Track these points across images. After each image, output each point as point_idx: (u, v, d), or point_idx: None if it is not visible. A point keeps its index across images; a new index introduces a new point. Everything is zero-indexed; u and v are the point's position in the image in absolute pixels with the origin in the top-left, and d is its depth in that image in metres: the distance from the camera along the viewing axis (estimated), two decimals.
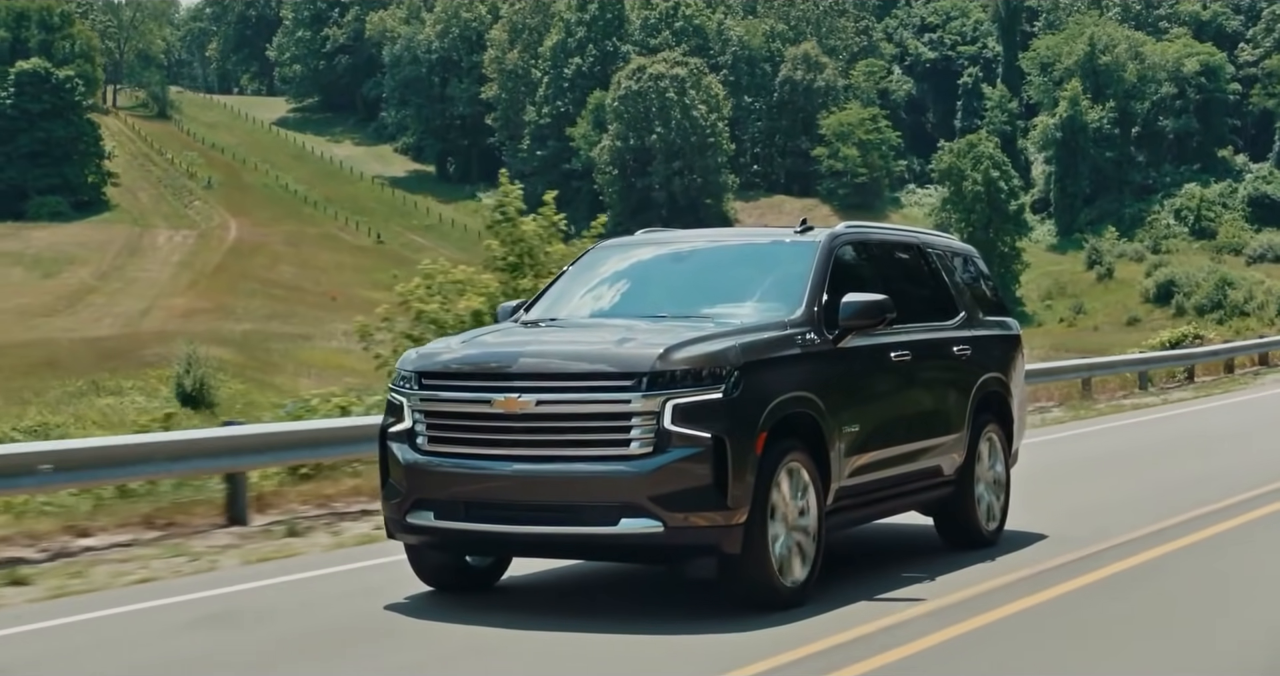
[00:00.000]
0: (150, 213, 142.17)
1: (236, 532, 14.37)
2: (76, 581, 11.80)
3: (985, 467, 12.83)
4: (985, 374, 12.88)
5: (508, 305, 12.03)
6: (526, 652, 9.08)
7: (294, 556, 13.07)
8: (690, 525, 9.55)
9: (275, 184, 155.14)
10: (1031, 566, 11.60)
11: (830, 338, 10.77)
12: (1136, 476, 18.49)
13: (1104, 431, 25.90)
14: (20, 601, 11.10)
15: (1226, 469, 18.71)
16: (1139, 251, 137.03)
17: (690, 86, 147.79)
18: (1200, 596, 10.73)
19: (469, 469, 9.95)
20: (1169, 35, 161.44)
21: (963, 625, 9.54)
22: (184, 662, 9.14)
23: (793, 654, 8.78)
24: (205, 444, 15.14)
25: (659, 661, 8.87)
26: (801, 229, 11.76)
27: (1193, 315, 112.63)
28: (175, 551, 13.24)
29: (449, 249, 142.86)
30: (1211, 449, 21.91)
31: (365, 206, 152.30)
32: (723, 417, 9.63)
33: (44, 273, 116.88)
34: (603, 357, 9.84)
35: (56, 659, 9.38)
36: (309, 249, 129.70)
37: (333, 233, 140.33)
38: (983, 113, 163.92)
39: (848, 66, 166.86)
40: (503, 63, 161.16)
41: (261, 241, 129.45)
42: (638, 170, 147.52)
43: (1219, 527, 13.66)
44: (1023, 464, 14.15)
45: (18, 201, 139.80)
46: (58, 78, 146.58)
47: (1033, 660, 8.95)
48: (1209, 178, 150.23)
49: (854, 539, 12.35)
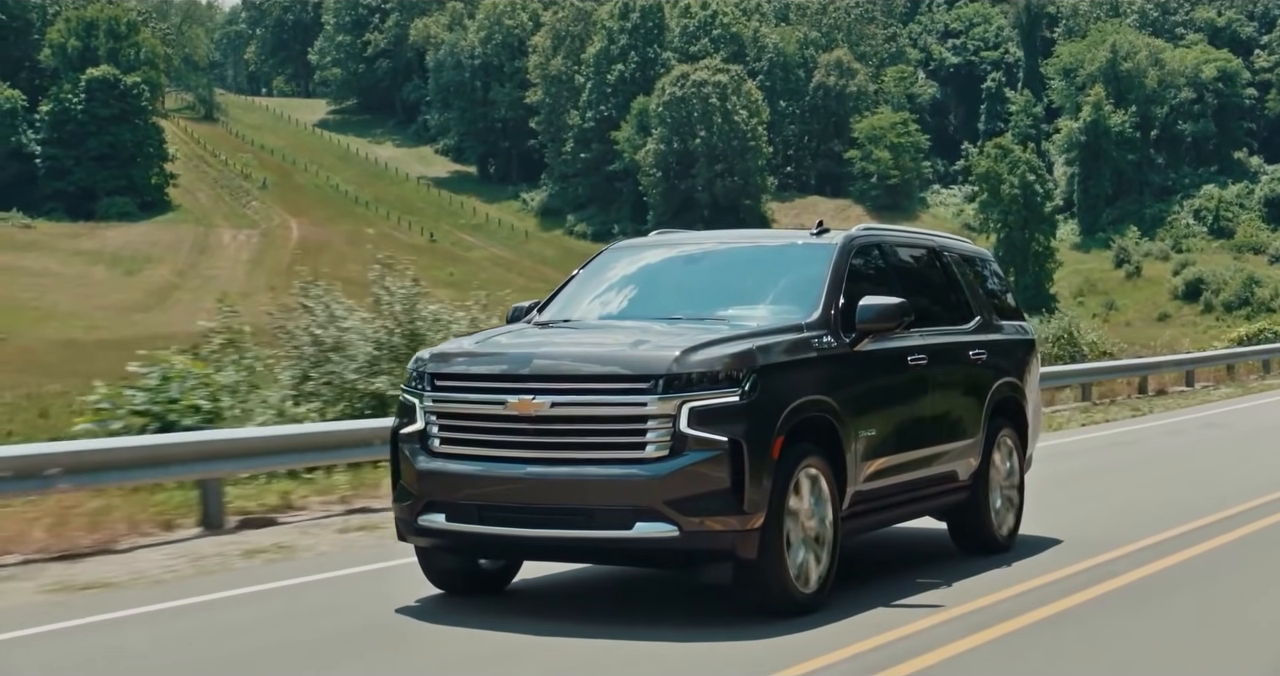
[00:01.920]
0: (211, 212, 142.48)
1: (218, 537, 13.79)
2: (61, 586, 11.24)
3: (1000, 473, 12.24)
4: (1001, 378, 12.29)
5: (521, 305, 11.41)
6: (538, 660, 8.54)
7: (292, 559, 12.47)
8: (706, 530, 9.02)
9: (326, 184, 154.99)
10: (1050, 573, 11.03)
11: (847, 341, 10.22)
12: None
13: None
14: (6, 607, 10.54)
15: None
16: (1164, 250, 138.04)
17: (731, 92, 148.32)
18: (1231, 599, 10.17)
19: (482, 471, 9.41)
20: (1185, 41, 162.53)
21: (984, 634, 8.98)
22: (187, 668, 8.63)
23: (814, 662, 8.24)
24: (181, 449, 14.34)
25: (674, 670, 8.34)
26: (818, 231, 11.20)
27: (1220, 311, 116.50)
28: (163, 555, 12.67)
29: (498, 247, 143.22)
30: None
31: (414, 206, 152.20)
32: (740, 421, 9.10)
33: (125, 271, 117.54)
34: (618, 360, 9.32)
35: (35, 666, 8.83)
36: (368, 248, 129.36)
37: (387, 232, 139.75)
38: (1006, 116, 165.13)
39: (877, 72, 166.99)
40: (546, 68, 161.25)
41: (324, 240, 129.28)
42: (680, 173, 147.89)
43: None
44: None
45: (88, 202, 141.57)
46: (125, 84, 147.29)
47: (1059, 670, 8.42)
48: (1226, 179, 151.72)
49: (866, 544, 11.77)
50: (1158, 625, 9.45)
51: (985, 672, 8.29)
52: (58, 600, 10.71)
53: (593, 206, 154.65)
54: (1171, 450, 21.86)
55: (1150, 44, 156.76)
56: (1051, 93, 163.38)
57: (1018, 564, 11.49)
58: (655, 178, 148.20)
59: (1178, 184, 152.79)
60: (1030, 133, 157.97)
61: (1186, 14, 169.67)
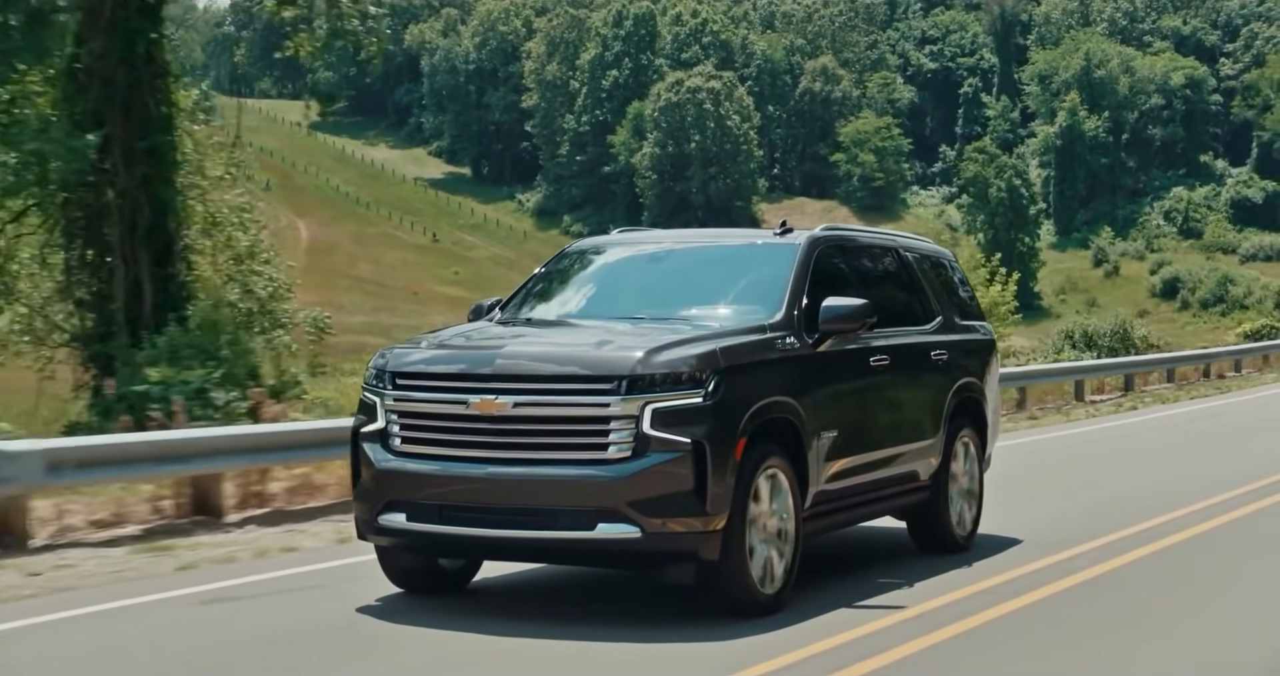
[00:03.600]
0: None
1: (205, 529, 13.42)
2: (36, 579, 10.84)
3: (960, 473, 11.83)
4: (961, 379, 11.88)
5: (482, 303, 10.95)
6: (497, 660, 8.16)
7: (262, 557, 11.91)
8: (668, 531, 8.64)
9: (326, 186, 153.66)
10: (1010, 571, 10.68)
11: (810, 342, 9.82)
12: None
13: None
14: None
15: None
16: (1139, 250, 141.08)
17: (724, 98, 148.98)
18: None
19: (443, 471, 8.99)
20: (1153, 48, 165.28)
21: (944, 631, 8.65)
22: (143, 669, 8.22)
23: (775, 662, 7.88)
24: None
25: (634, 672, 7.97)
26: (781, 231, 10.78)
27: (1197, 308, 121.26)
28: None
29: (498, 247, 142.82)
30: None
31: (413, 207, 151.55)
32: (703, 422, 8.72)
33: None
34: (582, 360, 8.93)
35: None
36: (375, 247, 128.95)
37: (390, 232, 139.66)
38: (983, 120, 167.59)
39: (860, 78, 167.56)
40: (541, 74, 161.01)
41: (333, 240, 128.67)
42: (675, 175, 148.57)
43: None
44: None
45: None
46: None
47: (1018, 666, 8.10)
48: (1194, 182, 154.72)
49: (827, 544, 11.35)
50: (1123, 617, 9.13)
51: (948, 669, 7.97)
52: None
53: (588, 207, 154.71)
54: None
55: (1121, 52, 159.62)
56: (1027, 98, 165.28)
57: (979, 563, 11.10)
58: (651, 180, 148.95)
59: (1148, 186, 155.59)
60: (1008, 137, 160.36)
61: (1154, 22, 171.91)
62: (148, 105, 22.27)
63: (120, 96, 21.93)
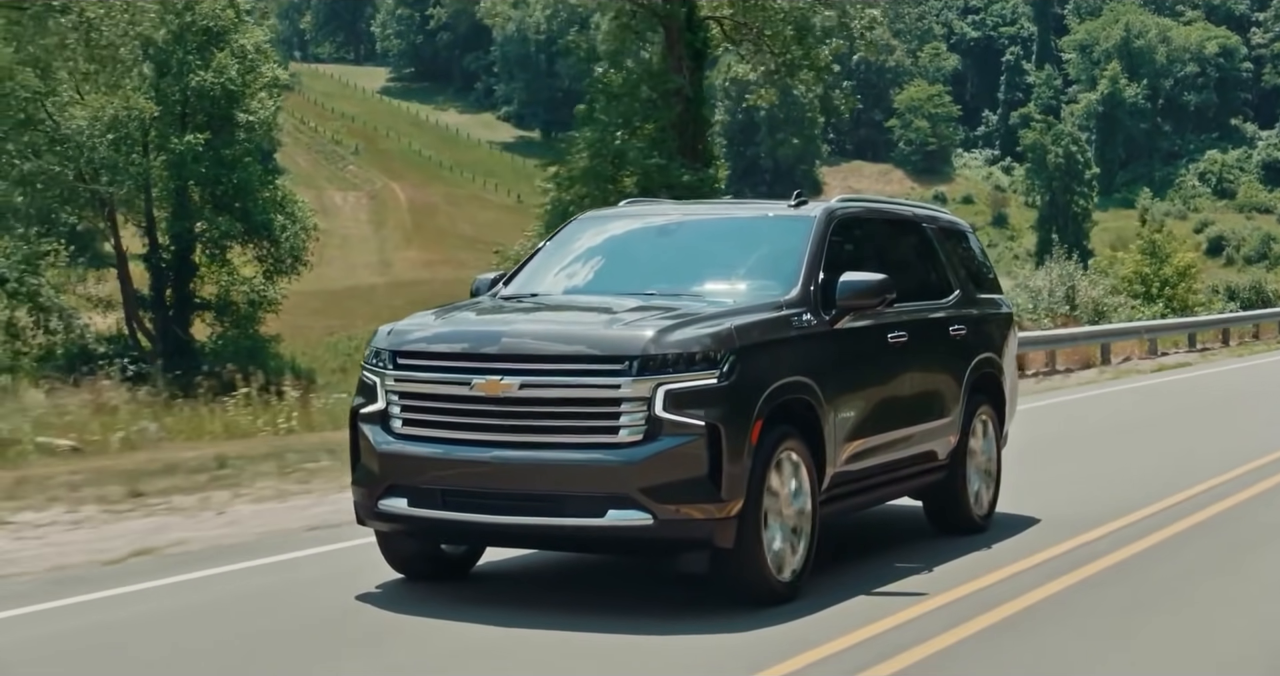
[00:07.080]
0: (313, 176, 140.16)
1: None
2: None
3: (978, 451, 10.65)
4: (980, 354, 10.68)
5: (485, 278, 9.84)
6: (500, 651, 7.19)
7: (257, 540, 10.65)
8: (682, 517, 7.63)
9: (409, 150, 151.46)
10: (1032, 555, 9.57)
11: (827, 319, 8.75)
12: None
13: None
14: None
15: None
16: (1181, 210, 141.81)
17: None
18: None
19: (446, 454, 7.98)
20: (1185, 18, 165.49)
21: (974, 623, 7.61)
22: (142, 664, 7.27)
23: (800, 660, 6.88)
24: None
25: (654, 667, 6.98)
26: (796, 202, 9.65)
27: (1242, 264, 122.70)
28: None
29: None
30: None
31: (493, 170, 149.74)
32: (717, 404, 7.70)
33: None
34: (591, 339, 7.90)
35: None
36: (468, 208, 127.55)
37: (477, 193, 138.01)
38: (1024, 87, 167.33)
39: (910, 47, 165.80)
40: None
41: (429, 202, 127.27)
42: (744, 140, 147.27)
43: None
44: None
45: None
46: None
47: (1053, 661, 7.09)
48: (1227, 144, 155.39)
49: (839, 524, 10.05)
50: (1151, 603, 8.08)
51: (982, 665, 7.01)
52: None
53: None
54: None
55: (1159, 23, 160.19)
56: (1069, 66, 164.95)
57: (998, 545, 10.00)
58: (723, 145, 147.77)
59: (1183, 149, 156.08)
60: (1051, 103, 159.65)
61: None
62: None
63: None
